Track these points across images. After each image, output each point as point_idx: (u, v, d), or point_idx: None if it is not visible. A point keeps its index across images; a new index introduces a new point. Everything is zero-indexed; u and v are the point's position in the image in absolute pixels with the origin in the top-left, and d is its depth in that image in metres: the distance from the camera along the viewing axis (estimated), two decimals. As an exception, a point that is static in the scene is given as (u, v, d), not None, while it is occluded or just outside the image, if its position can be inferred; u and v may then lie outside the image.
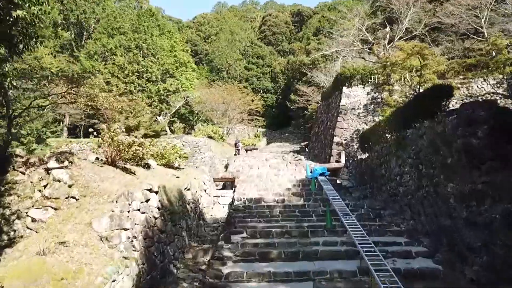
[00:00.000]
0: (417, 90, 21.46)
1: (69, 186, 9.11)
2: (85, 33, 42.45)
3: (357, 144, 23.73)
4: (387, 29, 27.57)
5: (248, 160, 26.50)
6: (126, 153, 10.28)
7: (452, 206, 11.01)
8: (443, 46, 27.61)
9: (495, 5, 25.77)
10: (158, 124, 31.85)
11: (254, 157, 28.09)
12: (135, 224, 8.71)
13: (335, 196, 14.30)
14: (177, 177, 13.56)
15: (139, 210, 9.09)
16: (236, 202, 14.88)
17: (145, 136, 15.49)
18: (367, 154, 20.03)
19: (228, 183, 20.91)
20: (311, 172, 20.74)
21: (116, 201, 8.69)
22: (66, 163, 9.56)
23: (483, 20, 26.40)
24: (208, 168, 17.98)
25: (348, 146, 24.00)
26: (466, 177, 10.67)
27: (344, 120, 24.79)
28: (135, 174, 11.06)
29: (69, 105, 16.41)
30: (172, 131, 33.26)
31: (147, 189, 9.76)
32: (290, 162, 25.10)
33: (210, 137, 33.27)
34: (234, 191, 16.90)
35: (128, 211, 8.62)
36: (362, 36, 29.37)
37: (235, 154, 33.85)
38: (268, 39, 68.57)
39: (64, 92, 12.66)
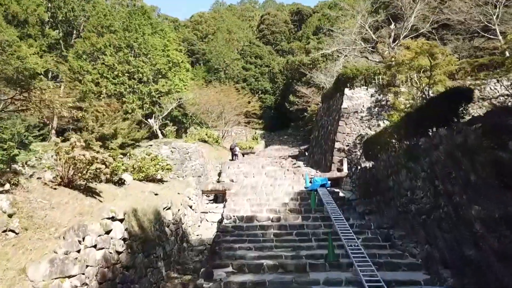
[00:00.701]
0: (426, 92, 19.69)
1: (9, 216, 7.28)
2: (75, 32, 40.64)
3: (361, 151, 21.93)
4: (392, 26, 25.76)
5: (243, 167, 24.73)
6: (86, 171, 8.48)
7: (478, 234, 9.21)
8: (452, 45, 25.81)
9: (508, 1, 23.96)
10: (146, 129, 30.16)
11: (250, 163, 26.31)
12: (87, 266, 6.90)
13: (337, 215, 12.52)
14: (156, 194, 11.74)
15: (95, 246, 7.29)
16: (225, 221, 13.09)
17: (122, 146, 13.70)
18: (372, 163, 18.24)
19: (221, 195, 19.13)
20: (310, 182, 18.97)
21: (63, 237, 6.89)
22: (7, 186, 7.75)
23: (494, 17, 24.59)
24: (195, 180, 16.20)
25: (351, 153, 22.20)
26: (495, 199, 8.88)
27: (346, 124, 22.99)
28: (99, 195, 9.26)
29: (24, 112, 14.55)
30: (164, 135, 31.44)
31: (108, 218, 7.97)
32: (288, 170, 23.34)
33: (204, 141, 31.49)
34: (225, 206, 15.10)
35: (78, 251, 6.81)
36: (365, 34, 27.56)
37: (232, 159, 32.05)
38: (267, 39, 66.75)
39: (12, 98, 10.90)
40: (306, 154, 32.68)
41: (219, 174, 23.86)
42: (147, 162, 12.87)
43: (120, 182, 11.19)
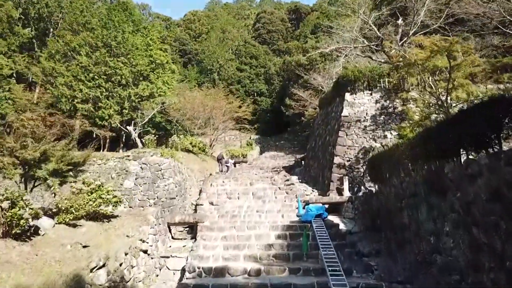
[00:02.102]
0: (443, 98, 16.37)
1: None
2: (52, 30, 37.33)
3: (364, 167, 18.63)
4: (400, 21, 22.43)
5: (229, 184, 21.44)
6: None
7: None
8: (467, 42, 22.46)
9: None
10: (124, 137, 26.95)
11: (237, 179, 22.98)
12: None
13: (335, 268, 9.18)
14: (85, 246, 8.40)
15: None
16: (186, 276, 9.80)
17: (55, 172, 10.40)
18: (379, 186, 14.94)
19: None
20: (303, 207, 15.68)
21: None
22: None
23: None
24: (158, 211, 12.81)
25: (353, 169, 18.89)
26: None
27: (347, 135, 19.68)
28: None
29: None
30: (144, 144, 28.07)
31: None
32: (279, 188, 20.03)
33: (188, 151, 28.16)
34: (192, 249, 11.77)
35: None
36: (368, 30, 24.23)
37: (220, 171, 28.70)
38: (263, 38, 63.42)
39: None
40: (303, 163, 29.37)
41: (201, 193, 20.57)
42: (82, 197, 9.58)
43: (31, 233, 7.88)
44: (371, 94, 20.60)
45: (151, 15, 69.88)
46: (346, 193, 17.84)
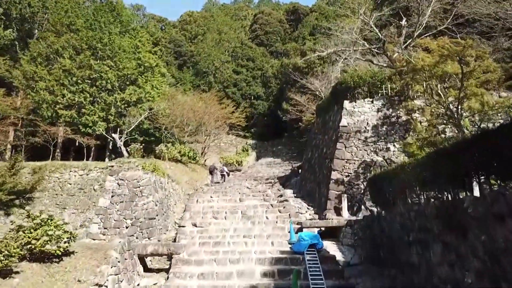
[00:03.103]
0: (453, 108, 14.57)
1: None
2: (36, 32, 35.51)
3: (364, 183, 16.83)
4: (403, 22, 20.63)
5: (216, 200, 19.64)
6: None
7: None
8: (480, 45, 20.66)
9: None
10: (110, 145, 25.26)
11: (226, 193, 21.19)
12: None
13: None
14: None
15: None
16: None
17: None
18: (381, 209, 13.13)
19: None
20: (296, 232, 13.90)
21: None
22: None
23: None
24: (124, 243, 10.94)
25: (352, 186, 17.06)
26: None
27: (345, 147, 17.86)
28: None
29: None
30: (130, 153, 26.20)
31: None
32: (272, 205, 18.21)
33: (177, 161, 26.36)
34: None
35: None
36: (369, 31, 22.41)
37: (213, 182, 26.73)
38: (260, 39, 61.60)
39: None
40: (300, 172, 27.53)
41: (185, 211, 18.76)
42: (22, 236, 7.78)
43: None
44: (372, 101, 18.80)
45: (146, 16, 68.06)
46: (345, 213, 16.04)
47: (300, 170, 27.97)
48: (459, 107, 14.24)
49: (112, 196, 16.87)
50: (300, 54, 47.69)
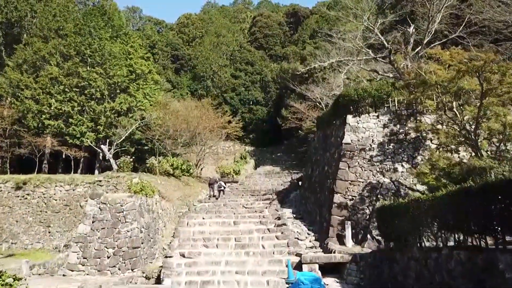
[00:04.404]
0: (470, 128, 13.05)
1: None
2: (25, 37, 34.04)
3: (370, 208, 15.29)
4: (411, 29, 19.10)
5: (209, 222, 18.12)
6: None
7: None
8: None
9: None
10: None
11: (220, 212, 19.67)
12: None
13: None
14: None
15: None
16: None
17: None
18: (391, 246, 11.59)
19: None
20: (294, 268, 12.37)
21: None
22: None
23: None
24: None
25: (356, 211, 15.52)
26: None
27: (349, 167, 16.32)
28: None
29: None
30: (119, 167, 24.65)
31: None
32: (269, 230, 16.70)
33: (169, 175, 24.83)
34: None
35: None
36: (374, 39, 20.85)
37: (211, 195, 24.85)
38: (259, 42, 60.06)
39: None
40: (300, 184, 25.98)
41: (174, 236, 17.22)
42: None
43: None
44: (377, 116, 17.25)
45: (142, 18, 66.62)
46: (349, 242, 14.51)
47: (300, 183, 26.44)
48: (478, 127, 12.71)
49: (93, 222, 15.35)
50: (300, 59, 46.21)
